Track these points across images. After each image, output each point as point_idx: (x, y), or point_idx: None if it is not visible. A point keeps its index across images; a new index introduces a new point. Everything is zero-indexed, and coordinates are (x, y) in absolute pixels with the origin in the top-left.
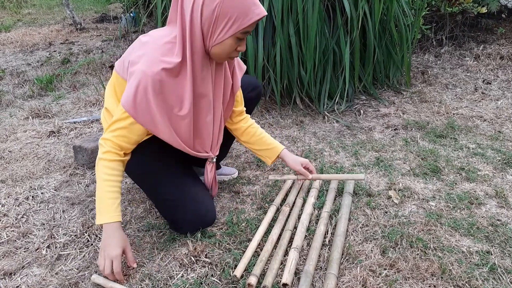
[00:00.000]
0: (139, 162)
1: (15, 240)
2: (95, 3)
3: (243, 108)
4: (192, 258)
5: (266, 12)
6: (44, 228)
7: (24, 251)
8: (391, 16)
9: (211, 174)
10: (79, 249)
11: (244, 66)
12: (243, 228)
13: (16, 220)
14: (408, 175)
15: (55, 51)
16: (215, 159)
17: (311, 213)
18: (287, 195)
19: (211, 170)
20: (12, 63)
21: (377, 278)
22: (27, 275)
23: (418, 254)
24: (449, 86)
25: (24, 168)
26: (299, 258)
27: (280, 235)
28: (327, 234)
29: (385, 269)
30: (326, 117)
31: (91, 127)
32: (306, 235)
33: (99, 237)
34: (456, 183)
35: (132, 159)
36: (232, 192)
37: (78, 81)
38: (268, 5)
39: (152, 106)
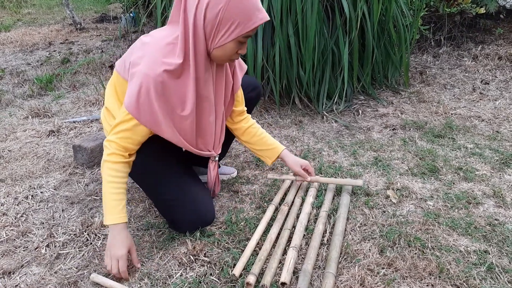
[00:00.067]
0: (139, 162)
1: (15, 239)
2: (95, 3)
3: (244, 108)
4: (191, 257)
5: (268, 17)
6: (43, 227)
7: (24, 250)
8: (390, 16)
9: (214, 172)
10: (78, 248)
11: (244, 66)
12: (242, 227)
13: (15, 219)
14: (406, 174)
15: (55, 51)
16: (217, 158)
17: (310, 212)
18: (286, 194)
19: (214, 169)
20: (12, 62)
21: (375, 277)
22: (26, 274)
23: (416, 254)
24: (447, 86)
25: (24, 167)
26: (297, 257)
27: (279, 234)
28: (326, 233)
29: (383, 268)
30: (324, 117)
31: (91, 126)
32: (304, 234)
33: (98, 236)
34: (454, 183)
35: None
36: (231, 191)
37: (77, 80)
38: (267, 5)
39: (155, 107)
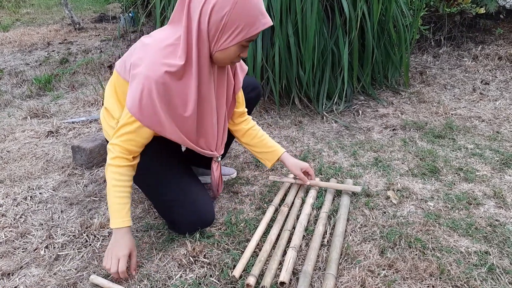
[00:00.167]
0: (139, 163)
1: (13, 240)
2: (93, 3)
3: (245, 109)
4: (190, 258)
5: (272, 22)
6: (42, 229)
7: (22, 252)
8: (390, 16)
9: (217, 173)
10: (77, 249)
11: (245, 67)
12: (241, 228)
13: (14, 220)
14: (407, 175)
15: (53, 51)
16: (220, 158)
17: (310, 213)
18: (285, 195)
19: (216, 169)
20: (11, 62)
21: (375, 278)
22: (25, 276)
23: (416, 255)
24: (447, 86)
25: (23, 168)
26: (297, 257)
27: (278, 235)
28: (326, 234)
29: (383, 269)
30: (324, 117)
31: (90, 127)
32: (304, 235)
33: (98, 237)
34: (454, 184)
35: None
36: (231, 192)
37: (76, 81)
38: (267, 5)
39: (157, 108)
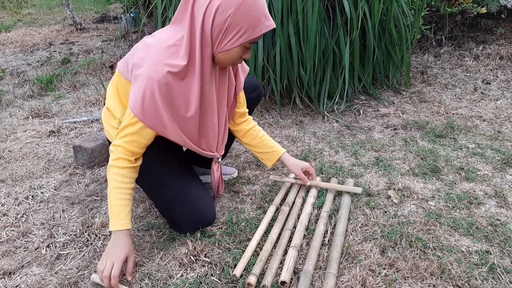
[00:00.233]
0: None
1: (15, 240)
2: (95, 3)
3: (245, 110)
4: (191, 257)
5: (275, 25)
6: (43, 228)
7: (24, 251)
8: (391, 16)
9: (218, 174)
10: (78, 248)
11: (247, 67)
12: (242, 227)
13: (15, 219)
14: (408, 175)
15: (55, 51)
16: (220, 159)
17: (311, 212)
18: (286, 194)
19: (217, 170)
20: (12, 63)
21: (376, 277)
22: (26, 275)
23: (417, 254)
24: (448, 86)
25: (24, 167)
26: (298, 256)
27: (279, 234)
28: (327, 233)
29: (384, 268)
30: (325, 117)
31: (91, 127)
32: (305, 235)
33: (99, 236)
34: (455, 183)
35: None
36: (232, 191)
37: (78, 81)
38: (268, 5)
39: (160, 109)
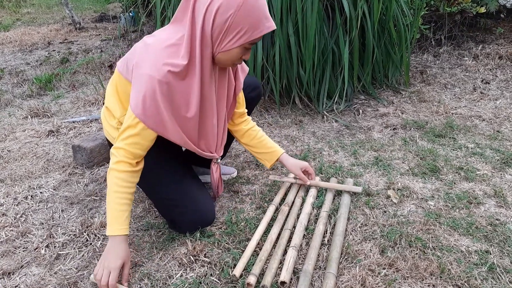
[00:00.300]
0: None
1: (14, 240)
2: (94, 2)
3: (245, 110)
4: (191, 257)
5: (275, 26)
6: (43, 228)
7: (23, 251)
8: (390, 15)
9: (217, 175)
10: (78, 248)
11: (246, 68)
12: (242, 227)
13: (15, 219)
14: (407, 174)
15: (54, 51)
16: (219, 160)
17: (310, 212)
18: (286, 194)
19: (216, 171)
20: (11, 62)
21: (376, 277)
22: (26, 275)
23: (417, 254)
24: (448, 85)
25: (23, 167)
26: (297, 256)
27: (279, 234)
28: (326, 233)
29: (384, 268)
30: (325, 116)
31: (90, 126)
32: (305, 235)
33: (98, 236)
34: (455, 183)
35: None
36: (231, 191)
37: (77, 80)
38: (267, 4)
39: (161, 109)
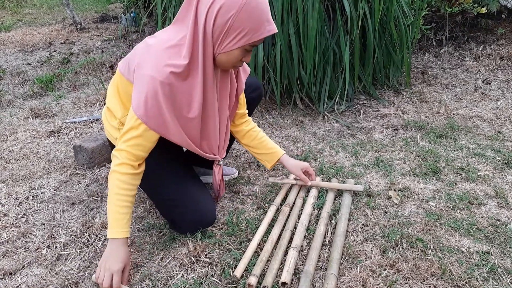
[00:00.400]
0: None
1: (15, 240)
2: (95, 3)
3: (245, 111)
4: (192, 258)
5: (276, 30)
6: (44, 228)
7: (24, 251)
8: (391, 16)
9: (219, 176)
10: (79, 249)
11: (248, 68)
12: (243, 228)
13: (16, 220)
14: (408, 175)
15: (55, 51)
16: (222, 162)
17: (311, 213)
18: (287, 195)
19: (218, 172)
20: (12, 62)
21: (377, 278)
22: (27, 275)
23: (418, 254)
24: (449, 86)
25: (24, 168)
26: (298, 257)
27: (280, 235)
28: (327, 234)
29: (385, 269)
30: (326, 117)
31: (91, 127)
32: (306, 235)
33: (99, 237)
34: (456, 183)
35: None
36: (232, 192)
37: (78, 81)
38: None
39: (163, 110)
